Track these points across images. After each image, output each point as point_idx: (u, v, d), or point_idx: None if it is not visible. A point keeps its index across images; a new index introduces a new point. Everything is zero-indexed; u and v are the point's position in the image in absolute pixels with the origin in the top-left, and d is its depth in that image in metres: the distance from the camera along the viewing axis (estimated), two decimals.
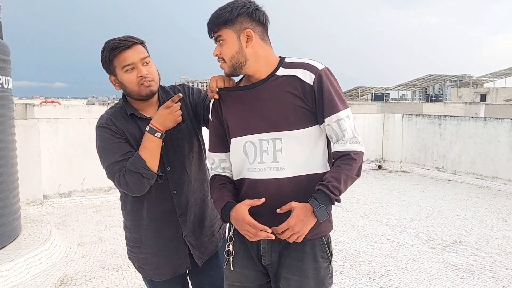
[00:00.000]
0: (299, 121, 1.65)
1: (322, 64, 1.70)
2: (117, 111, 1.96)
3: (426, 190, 7.44)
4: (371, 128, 9.45)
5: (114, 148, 1.86)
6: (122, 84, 1.89)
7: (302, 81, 1.65)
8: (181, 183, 1.98)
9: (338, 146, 1.66)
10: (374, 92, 56.87)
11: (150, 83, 1.86)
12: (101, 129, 1.91)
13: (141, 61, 1.84)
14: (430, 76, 53.28)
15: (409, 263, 4.18)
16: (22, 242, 4.20)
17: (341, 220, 5.57)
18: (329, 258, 1.79)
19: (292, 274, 1.72)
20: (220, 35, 1.65)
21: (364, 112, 17.17)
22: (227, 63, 1.67)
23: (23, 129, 5.61)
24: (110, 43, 1.84)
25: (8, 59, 4.24)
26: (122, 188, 1.85)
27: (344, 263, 4.17)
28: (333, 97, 1.65)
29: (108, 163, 1.86)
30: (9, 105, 4.27)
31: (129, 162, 1.82)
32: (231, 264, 1.78)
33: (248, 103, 1.71)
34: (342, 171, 1.62)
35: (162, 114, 1.84)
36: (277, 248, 1.74)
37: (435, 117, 8.89)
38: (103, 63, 1.89)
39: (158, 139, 1.83)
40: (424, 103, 30.93)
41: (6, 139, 4.14)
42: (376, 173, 9.02)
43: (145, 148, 1.82)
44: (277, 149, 1.65)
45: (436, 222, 5.56)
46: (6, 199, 4.08)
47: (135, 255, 2.07)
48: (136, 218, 2.00)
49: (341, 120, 1.64)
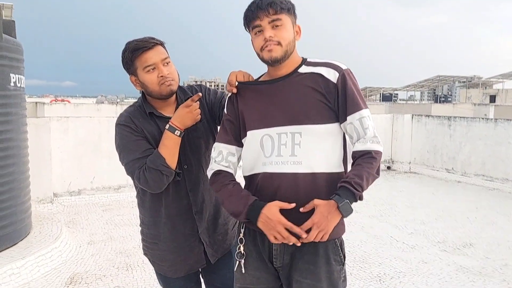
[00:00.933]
0: (320, 116, 1.66)
1: (345, 65, 1.73)
2: (136, 109, 2.00)
3: (435, 192, 7.39)
4: (380, 129, 9.40)
5: (133, 145, 1.91)
6: (143, 84, 1.93)
7: (326, 79, 1.68)
8: (198, 181, 2.01)
9: (359, 145, 1.66)
10: (382, 93, 56.64)
11: (171, 83, 1.91)
12: (121, 126, 1.96)
13: (162, 62, 1.89)
14: (439, 77, 52.97)
15: (419, 266, 4.15)
16: (33, 240, 4.23)
17: (350, 221, 5.54)
18: (342, 261, 1.76)
19: (305, 277, 1.70)
20: (280, 18, 1.64)
21: (372, 112, 17.14)
22: (283, 46, 1.66)
23: (35, 127, 5.65)
24: (132, 44, 1.88)
25: (21, 58, 4.28)
26: (141, 185, 1.89)
27: (354, 265, 4.15)
28: (356, 96, 1.67)
29: (128, 160, 1.91)
30: (22, 103, 4.31)
31: (149, 159, 1.85)
32: (242, 266, 1.77)
33: (268, 97, 1.73)
34: (364, 169, 1.62)
35: (181, 112, 1.88)
36: (289, 250, 1.71)
37: (444, 118, 8.83)
38: (124, 64, 1.94)
39: (177, 137, 1.87)
40: (432, 104, 30.76)
41: (18, 138, 4.18)
42: (385, 174, 8.97)
43: (165, 146, 1.86)
44: (296, 143, 1.66)
45: (446, 224, 5.52)
46: (17, 197, 4.11)
47: (151, 251, 2.11)
48: (155, 215, 2.04)
49: (363, 118, 1.67)
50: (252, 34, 1.71)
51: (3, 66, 3.88)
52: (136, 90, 2.02)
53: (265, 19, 1.64)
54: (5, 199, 3.93)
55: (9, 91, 3.98)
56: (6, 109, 3.95)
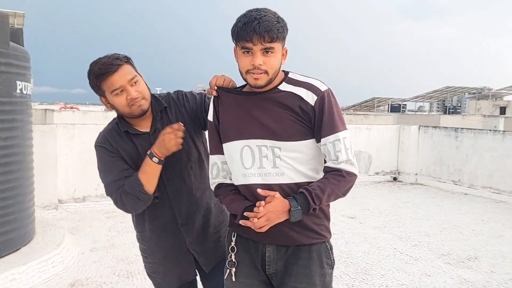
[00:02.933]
0: (297, 133, 1.68)
1: (325, 85, 1.73)
2: (113, 128, 1.97)
3: (441, 204, 7.32)
4: (386, 140, 9.36)
5: (110, 167, 1.90)
6: (113, 106, 1.89)
7: (304, 101, 1.69)
8: (180, 194, 1.98)
9: (331, 163, 1.69)
10: (390, 103, 56.46)
11: (141, 102, 1.86)
12: (98, 148, 1.96)
13: (129, 83, 1.83)
14: (448, 88, 52.70)
15: (422, 278, 4.10)
16: (36, 246, 4.25)
17: (354, 232, 5.50)
18: (332, 265, 1.82)
19: (300, 282, 1.72)
20: (273, 47, 1.61)
21: (379, 123, 17.04)
22: (270, 75, 1.65)
23: (41, 134, 5.70)
24: (96, 69, 1.82)
25: (28, 66, 4.33)
26: (118, 207, 1.89)
27: (356, 276, 4.11)
28: (332, 119, 1.68)
29: (106, 182, 1.91)
30: (27, 110, 4.35)
31: (127, 184, 1.84)
32: (232, 274, 1.78)
33: (246, 109, 1.73)
34: (330, 184, 1.66)
35: (159, 140, 1.84)
36: (283, 256, 1.75)
37: (451, 129, 8.77)
38: (92, 87, 1.89)
39: (156, 164, 1.84)
40: (441, 115, 30.59)
41: (24, 144, 4.22)
42: (391, 185, 8.92)
43: (144, 172, 1.84)
44: (276, 156, 1.68)
45: (451, 236, 5.45)
46: (21, 203, 4.14)
47: (145, 264, 2.15)
48: (141, 230, 2.07)
49: (337, 141, 1.68)
50: (238, 49, 1.66)
51: (10, 73, 3.93)
52: None
53: (258, 45, 1.59)
54: (9, 205, 3.95)
55: (15, 98, 4.03)
56: (12, 116, 4.00)
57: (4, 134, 3.88)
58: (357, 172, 1.71)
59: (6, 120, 3.93)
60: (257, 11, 1.61)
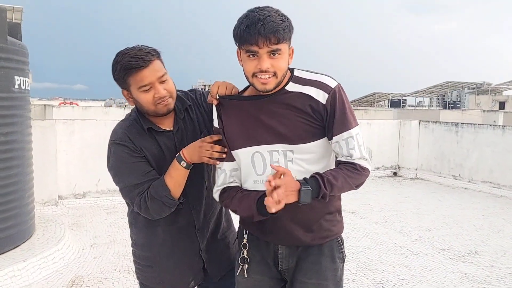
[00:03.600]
0: (309, 135, 1.63)
1: (335, 81, 1.66)
2: (132, 124, 1.82)
3: (442, 199, 7.31)
4: (387, 135, 9.35)
5: (131, 168, 1.75)
6: (137, 102, 1.77)
7: (315, 100, 1.62)
8: (200, 197, 1.89)
9: (344, 158, 1.65)
10: (391, 98, 56.44)
11: (168, 101, 1.75)
12: (117, 146, 1.77)
13: (158, 80, 1.71)
14: (448, 83, 52.70)
15: (423, 273, 4.10)
16: (36, 242, 4.24)
17: (355, 227, 5.50)
18: (343, 259, 1.80)
19: (310, 278, 1.71)
20: (280, 49, 1.52)
21: (380, 118, 17.03)
22: (278, 78, 1.57)
23: (40, 129, 5.68)
24: (125, 61, 1.68)
25: (26, 61, 4.31)
26: (141, 213, 1.76)
27: (357, 271, 4.11)
28: (344, 116, 1.63)
29: (126, 185, 1.76)
30: (26, 105, 4.33)
31: (153, 188, 1.72)
32: (245, 271, 1.77)
33: (252, 114, 1.66)
34: (343, 173, 1.60)
35: (194, 145, 1.74)
36: (295, 253, 1.73)
37: (452, 124, 8.76)
38: (116, 79, 1.76)
39: (183, 168, 1.73)
40: (441, 110, 30.56)
41: (23, 140, 4.20)
42: (391, 180, 8.91)
43: (171, 176, 1.73)
44: (288, 159, 1.63)
45: (452, 231, 5.45)
46: (21, 199, 4.13)
47: (145, 274, 1.96)
48: (150, 236, 1.89)
49: (350, 138, 1.63)
50: (242, 52, 1.57)
51: (8, 68, 3.91)
52: None
53: (264, 48, 1.50)
54: (8, 201, 3.94)
55: (14, 94, 4.01)
56: (10, 111, 3.98)
57: (4, 129, 3.86)
58: (371, 168, 1.66)
59: (5, 115, 3.91)
60: (260, 10, 1.51)
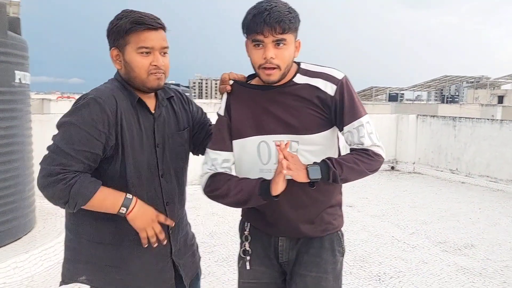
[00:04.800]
0: (316, 126, 1.66)
1: (341, 72, 1.70)
2: (119, 89, 1.63)
3: (439, 192, 7.37)
4: (385, 129, 9.39)
5: (86, 138, 1.50)
6: (127, 65, 1.61)
7: (323, 92, 1.65)
8: (174, 194, 1.76)
9: (356, 146, 1.67)
10: (388, 92, 56.44)
11: (161, 76, 1.63)
12: (95, 105, 1.52)
13: (160, 49, 1.62)
14: (446, 77, 52.70)
15: (419, 265, 4.16)
16: (37, 235, 4.28)
17: (352, 220, 5.55)
18: (343, 253, 1.84)
19: (310, 270, 1.73)
20: (285, 39, 1.55)
21: (378, 112, 17.06)
22: (282, 70, 1.60)
23: (40, 124, 5.70)
24: (134, 15, 1.57)
25: (26, 55, 4.32)
26: (39, 185, 1.53)
27: (354, 263, 4.16)
28: (353, 105, 1.66)
29: (61, 148, 1.50)
30: (26, 100, 4.35)
31: (80, 184, 1.48)
32: (246, 263, 1.80)
33: (261, 104, 1.69)
34: (353, 157, 1.62)
35: (148, 214, 1.58)
36: (295, 245, 1.76)
37: (449, 118, 8.80)
38: (113, 32, 1.60)
39: (117, 211, 1.53)
40: (439, 104, 30.59)
41: (23, 134, 4.22)
42: (389, 174, 8.96)
43: (103, 199, 1.52)
44: (293, 150, 1.65)
45: (448, 224, 5.51)
46: (22, 192, 4.16)
47: (106, 276, 1.66)
48: (119, 231, 1.63)
49: (360, 126, 1.65)
50: (249, 43, 1.61)
51: (8, 63, 3.92)
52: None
53: (269, 37, 1.54)
54: (9, 194, 3.97)
55: (14, 88, 4.03)
56: (11, 106, 4.00)
57: (4, 123, 3.88)
58: (384, 154, 1.67)
59: (6, 109, 3.93)
60: (268, 1, 1.56)
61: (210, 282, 3.60)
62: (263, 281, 1.82)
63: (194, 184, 3.54)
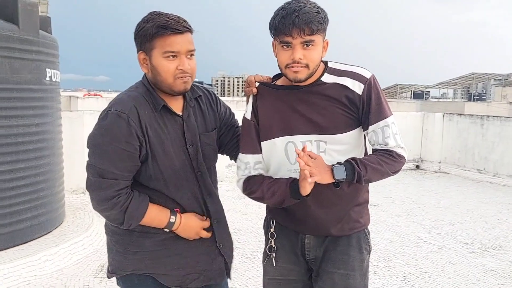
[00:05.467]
0: (344, 125, 1.67)
1: (369, 71, 1.70)
2: (141, 98, 1.64)
3: (466, 192, 7.23)
4: (410, 127, 9.25)
5: (119, 153, 1.57)
6: (154, 69, 1.62)
7: (351, 91, 1.66)
8: (211, 189, 1.80)
9: (380, 147, 1.68)
10: (413, 90, 55.52)
11: (188, 80, 1.63)
12: (117, 119, 1.57)
13: (187, 53, 1.61)
14: (473, 75, 51.51)
15: (446, 266, 4.10)
16: (66, 229, 4.39)
17: (376, 220, 5.50)
18: (370, 250, 1.85)
19: (337, 268, 1.74)
20: (313, 40, 1.56)
21: (402, 110, 16.81)
22: (310, 69, 1.61)
23: (69, 120, 5.84)
24: (161, 19, 1.56)
25: (57, 53, 4.43)
26: (94, 200, 1.64)
27: (379, 263, 4.13)
28: (380, 105, 1.67)
29: (101, 167, 1.59)
30: (57, 97, 4.47)
31: (134, 206, 1.61)
32: (273, 260, 1.81)
33: (289, 104, 1.70)
34: (377, 158, 1.63)
35: (193, 225, 1.72)
36: (322, 243, 1.77)
37: (477, 117, 8.61)
38: (139, 36, 1.61)
39: (165, 227, 1.68)
40: (466, 102, 29.93)
41: (54, 130, 4.34)
42: (414, 173, 8.84)
43: (152, 218, 1.66)
44: (321, 150, 1.67)
45: (476, 225, 5.41)
46: (52, 187, 4.28)
47: (155, 261, 1.72)
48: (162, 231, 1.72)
49: (386, 127, 1.66)
50: (277, 43, 1.62)
51: (40, 61, 4.03)
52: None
53: (298, 38, 1.54)
54: (41, 189, 4.09)
55: (45, 86, 4.14)
56: (42, 103, 4.11)
57: (36, 120, 4.00)
58: (406, 156, 1.68)
59: (37, 107, 4.04)
60: (296, 2, 1.56)
61: (234, 278, 3.64)
62: (290, 278, 1.83)
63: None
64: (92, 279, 3.67)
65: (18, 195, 3.87)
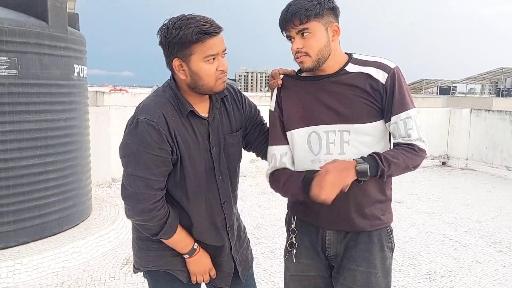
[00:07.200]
0: (367, 115, 1.66)
1: (393, 62, 1.70)
2: (167, 104, 1.63)
3: (493, 190, 7.06)
4: (436, 123, 9.08)
5: (152, 159, 1.59)
6: (194, 74, 1.59)
7: (375, 79, 1.66)
8: (229, 192, 1.81)
9: (402, 140, 1.66)
10: (439, 85, 54.42)
11: (226, 79, 1.64)
12: (147, 127, 1.57)
13: (222, 52, 1.61)
14: (501, 69, 50.13)
15: (472, 265, 4.02)
16: (93, 222, 4.49)
17: (401, 217, 5.44)
18: (392, 248, 1.82)
19: (359, 265, 1.73)
20: (307, 28, 1.60)
21: (428, 106, 16.50)
22: (312, 57, 1.63)
23: (95, 115, 5.95)
24: (197, 24, 1.53)
25: (84, 50, 4.52)
26: (130, 218, 1.70)
27: (403, 261, 4.08)
28: (402, 97, 1.66)
29: (138, 175, 1.62)
30: (84, 93, 4.56)
31: (169, 225, 1.67)
32: (293, 256, 1.82)
33: (313, 94, 1.71)
34: (401, 153, 1.61)
35: (203, 265, 1.79)
36: (343, 239, 1.76)
37: (506, 113, 8.38)
38: (175, 43, 1.55)
39: (182, 252, 1.76)
40: (494, 98, 29.16)
41: (81, 125, 4.43)
42: (440, 170, 8.68)
43: (176, 242, 1.73)
44: (345, 141, 1.66)
45: (504, 224, 5.28)
46: (80, 181, 4.38)
47: (172, 260, 1.78)
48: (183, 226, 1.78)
49: (408, 118, 1.64)
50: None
51: (68, 57, 4.12)
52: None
53: (292, 30, 1.62)
54: (69, 182, 4.19)
55: (73, 81, 4.23)
56: (70, 98, 4.20)
57: (64, 115, 4.09)
58: (427, 150, 1.67)
59: (66, 102, 4.14)
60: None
61: (257, 273, 3.65)
62: (310, 274, 1.82)
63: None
64: (118, 271, 3.75)
65: (48, 188, 3.97)
